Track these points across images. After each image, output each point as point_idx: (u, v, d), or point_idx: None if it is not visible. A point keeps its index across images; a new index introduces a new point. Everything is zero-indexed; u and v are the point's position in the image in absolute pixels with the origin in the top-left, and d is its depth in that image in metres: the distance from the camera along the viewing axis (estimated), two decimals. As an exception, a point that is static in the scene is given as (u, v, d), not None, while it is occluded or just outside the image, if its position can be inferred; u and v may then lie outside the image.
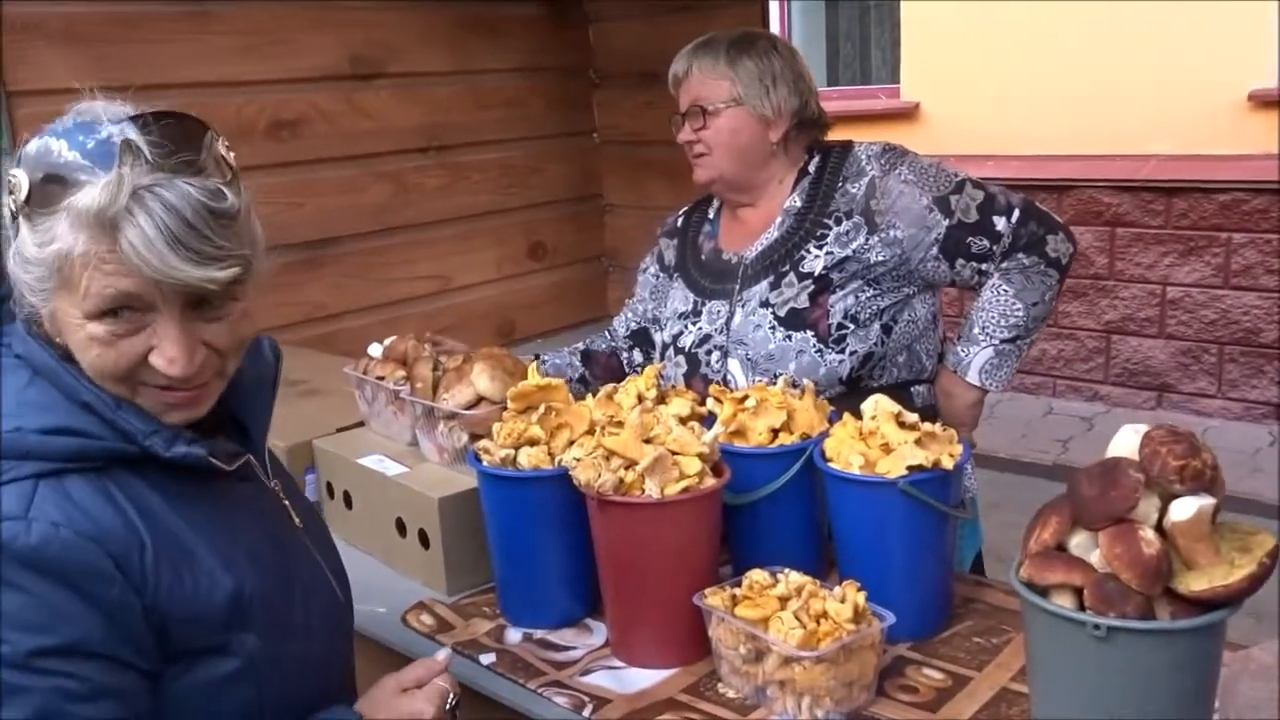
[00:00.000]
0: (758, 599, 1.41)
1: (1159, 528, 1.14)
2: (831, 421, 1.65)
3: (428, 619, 1.69)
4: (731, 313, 1.95)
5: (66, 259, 1.01)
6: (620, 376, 2.09)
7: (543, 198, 3.61)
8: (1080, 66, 5.79)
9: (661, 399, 1.69)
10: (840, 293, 1.87)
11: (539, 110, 3.55)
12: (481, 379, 1.81)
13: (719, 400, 1.70)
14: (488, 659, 1.56)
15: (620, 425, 1.54)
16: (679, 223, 2.17)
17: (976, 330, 1.87)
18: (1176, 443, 1.13)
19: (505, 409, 1.68)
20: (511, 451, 1.61)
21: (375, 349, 2.07)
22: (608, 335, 2.24)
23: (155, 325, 1.05)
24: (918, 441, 1.48)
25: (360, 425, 2.09)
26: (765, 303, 1.91)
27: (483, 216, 3.44)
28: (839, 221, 1.89)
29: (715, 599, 1.44)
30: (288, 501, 1.27)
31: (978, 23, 6.14)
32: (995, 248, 1.85)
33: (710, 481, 1.49)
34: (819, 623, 1.35)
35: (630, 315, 2.21)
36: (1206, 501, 1.13)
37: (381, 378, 1.99)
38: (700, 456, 1.49)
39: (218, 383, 1.13)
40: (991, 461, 4.88)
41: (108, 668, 1.01)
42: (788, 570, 1.47)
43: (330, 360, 2.53)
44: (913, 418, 1.53)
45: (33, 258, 1.03)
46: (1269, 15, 5.24)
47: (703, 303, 2.00)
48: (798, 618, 1.35)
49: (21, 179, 1.02)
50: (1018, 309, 1.84)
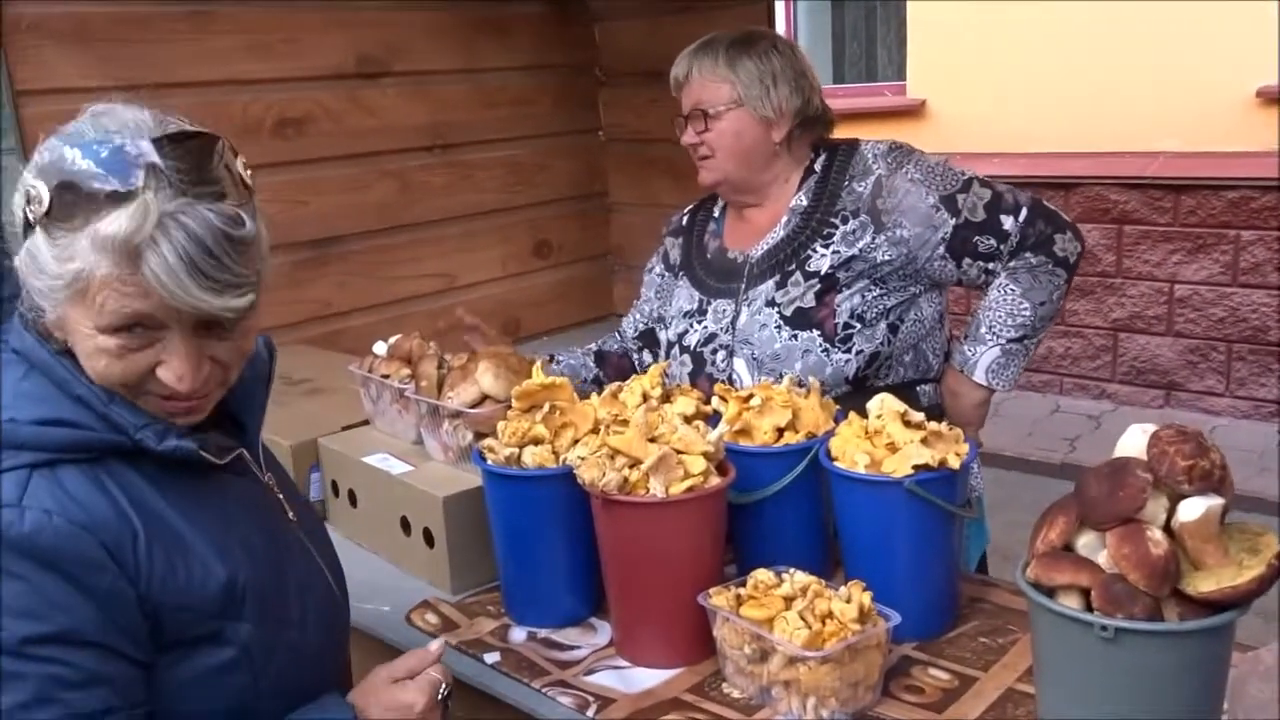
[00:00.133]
0: (763, 599, 1.41)
1: (1167, 528, 1.14)
2: (837, 420, 1.64)
3: (432, 618, 1.69)
4: (737, 312, 1.94)
5: (86, 278, 1.02)
6: (633, 377, 2.09)
7: (548, 196, 3.61)
8: (1087, 64, 5.77)
9: (666, 398, 1.69)
10: (846, 292, 1.86)
11: (544, 108, 3.55)
12: (486, 377, 1.81)
13: (724, 399, 1.69)
14: (492, 658, 1.55)
15: (625, 424, 1.53)
16: (684, 221, 2.17)
17: (983, 329, 1.86)
18: (1185, 442, 1.13)
19: (510, 407, 1.68)
20: (516, 450, 1.60)
21: (380, 347, 2.07)
22: (618, 337, 2.24)
23: (165, 341, 1.07)
24: (924, 441, 1.48)
25: (365, 424, 2.09)
26: (771, 302, 1.90)
27: (488, 215, 3.44)
28: (845, 220, 1.88)
29: (720, 599, 1.44)
30: (281, 495, 1.28)
31: (984, 20, 6.12)
32: (1002, 247, 1.84)
33: (715, 481, 1.49)
34: (824, 623, 1.35)
35: (637, 316, 2.21)
36: (1215, 502, 1.12)
37: (386, 376, 1.99)
38: (705, 455, 1.48)
39: (219, 393, 1.15)
40: (998, 460, 4.87)
41: (101, 656, 1.01)
42: (793, 570, 1.46)
43: (335, 358, 2.53)
44: (919, 417, 1.53)
45: (49, 270, 1.04)
46: (1276, 12, 5.21)
47: (708, 301, 2.00)
48: (803, 618, 1.35)
49: (42, 190, 1.02)
50: (1025, 308, 1.83)
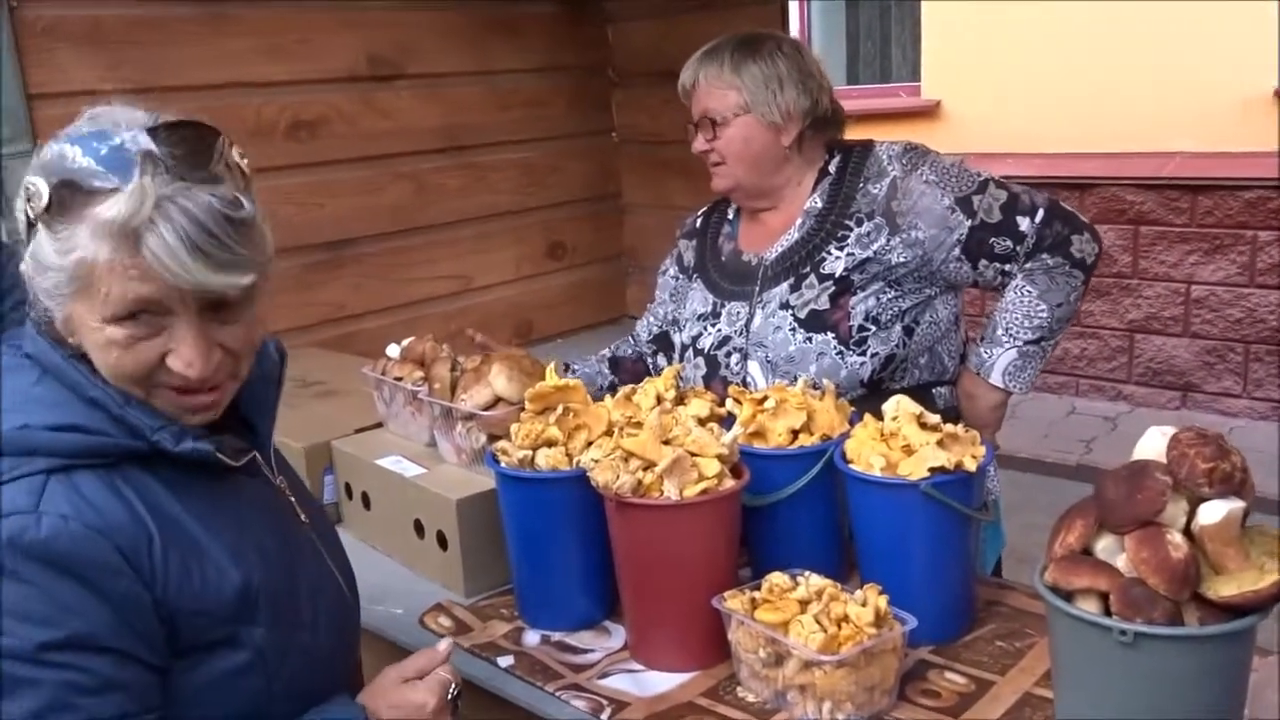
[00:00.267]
0: (778, 602, 1.40)
1: (1187, 531, 1.13)
2: (852, 422, 1.63)
3: (445, 621, 1.69)
4: (751, 314, 1.94)
5: (88, 267, 1.02)
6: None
7: (562, 197, 3.61)
8: (1103, 64, 5.75)
9: (680, 400, 1.68)
10: (861, 294, 1.85)
11: (558, 110, 3.55)
12: (499, 380, 1.81)
13: (738, 401, 1.69)
14: (505, 661, 1.55)
15: (639, 426, 1.53)
16: (698, 223, 2.16)
17: (1000, 331, 1.85)
18: (1205, 445, 1.12)
19: (523, 410, 1.67)
20: (529, 452, 1.60)
21: (393, 350, 2.08)
22: (632, 341, 2.23)
23: (172, 328, 1.06)
24: (940, 443, 1.47)
25: (378, 426, 2.09)
26: (785, 304, 1.89)
27: (502, 216, 3.45)
28: (860, 222, 1.87)
29: (734, 602, 1.43)
30: (293, 498, 1.28)
31: (999, 20, 6.10)
32: (1019, 248, 1.83)
33: (729, 483, 1.48)
34: (840, 626, 1.34)
35: (652, 320, 2.20)
36: (1235, 505, 1.11)
37: (400, 378, 1.99)
38: (719, 458, 1.48)
39: (231, 385, 1.15)
40: (1013, 462, 4.84)
41: (116, 661, 1.01)
42: (808, 573, 1.45)
43: (349, 361, 2.53)
44: (934, 419, 1.52)
45: (52, 264, 1.04)
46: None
47: (722, 304, 1.99)
48: (818, 621, 1.34)
49: (41, 187, 1.04)
50: (1042, 310, 1.82)
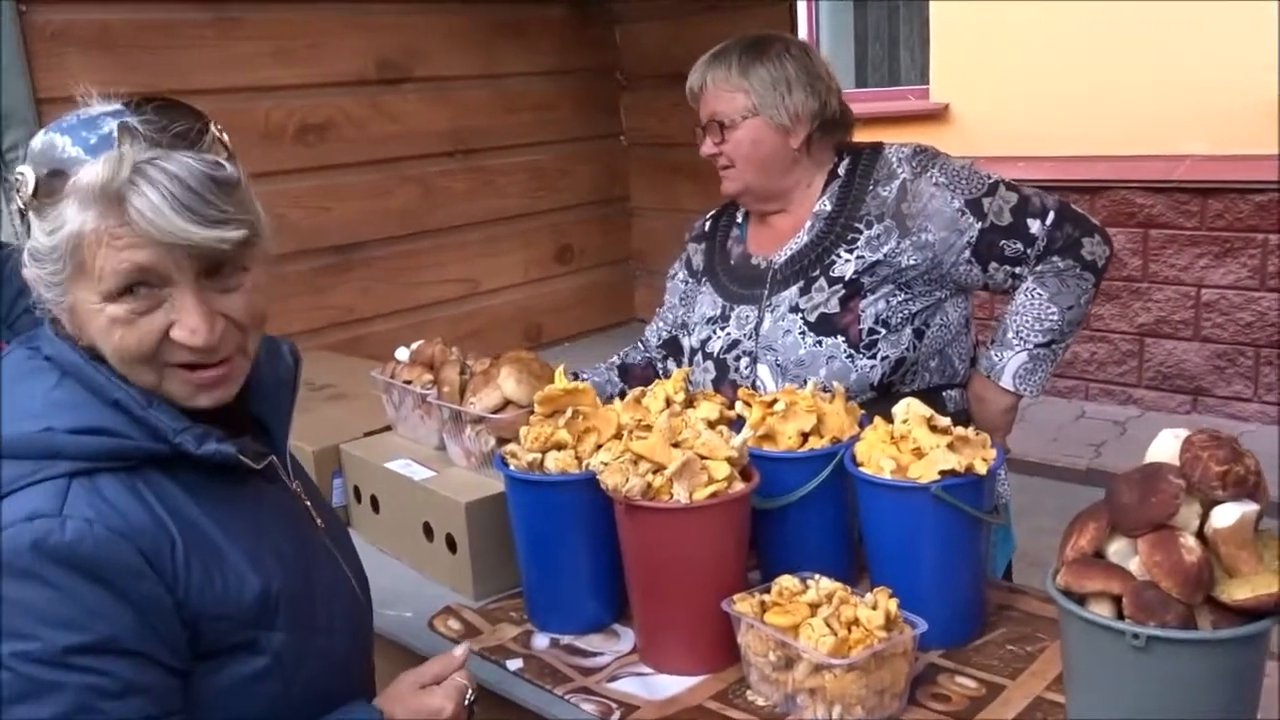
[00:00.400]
0: (787, 605, 1.40)
1: (1200, 534, 1.12)
2: (862, 425, 1.63)
3: (455, 624, 1.69)
4: (760, 318, 1.93)
5: (78, 239, 1.02)
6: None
7: (570, 201, 3.61)
8: (1112, 66, 5.73)
9: (689, 403, 1.68)
10: (871, 297, 1.84)
11: (566, 113, 3.55)
12: (508, 383, 1.81)
13: (748, 404, 1.68)
14: (515, 664, 1.55)
15: (648, 429, 1.52)
16: (707, 227, 2.16)
17: (1010, 335, 1.84)
18: (1218, 448, 1.11)
19: (532, 413, 1.67)
20: (539, 455, 1.60)
21: (402, 353, 2.08)
22: (641, 346, 2.22)
23: (172, 299, 1.06)
24: (950, 446, 1.46)
25: (387, 429, 2.09)
26: (795, 308, 1.89)
27: (510, 220, 3.45)
28: (870, 225, 1.87)
29: (744, 605, 1.42)
30: (308, 502, 1.28)
31: (1007, 22, 6.08)
32: (1029, 251, 1.82)
33: (739, 486, 1.48)
34: (850, 630, 1.34)
35: (661, 324, 2.19)
36: (1249, 508, 1.10)
37: (409, 382, 1.99)
38: (729, 461, 1.47)
39: (240, 360, 1.13)
40: (1023, 466, 4.82)
41: (139, 665, 1.01)
42: (818, 576, 1.45)
43: (357, 364, 2.54)
44: (945, 422, 1.51)
45: (44, 247, 1.05)
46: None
47: (731, 308, 1.99)
48: (828, 625, 1.34)
49: (28, 174, 1.05)
50: (1052, 313, 1.81)
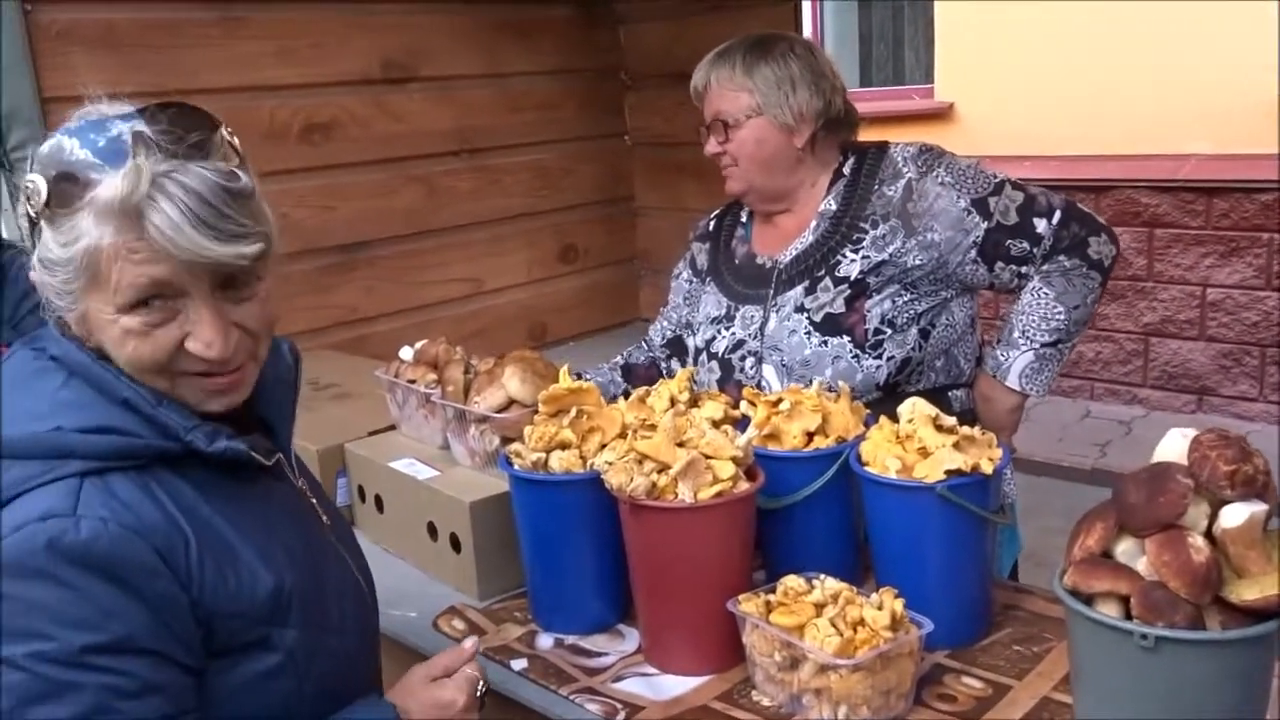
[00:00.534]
0: (793, 605, 1.39)
1: (1208, 534, 1.12)
2: (867, 424, 1.62)
3: (459, 624, 1.69)
4: (766, 318, 1.93)
5: (95, 253, 1.02)
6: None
7: (574, 200, 3.61)
8: (1117, 65, 5.71)
9: (694, 402, 1.67)
10: (877, 297, 1.84)
11: (570, 112, 3.55)
12: (513, 382, 1.80)
13: (752, 403, 1.68)
14: (519, 665, 1.55)
15: (653, 429, 1.52)
16: (711, 226, 2.15)
17: (1016, 334, 1.83)
18: (1227, 447, 1.11)
19: (537, 412, 1.67)
20: (543, 455, 1.59)
21: (406, 352, 2.07)
22: (645, 345, 2.21)
23: (187, 311, 1.06)
24: (956, 445, 1.46)
25: (392, 429, 2.09)
26: (800, 308, 1.88)
27: (514, 219, 3.45)
28: (875, 225, 1.86)
29: (749, 605, 1.42)
30: (314, 500, 1.28)
31: (1012, 21, 6.06)
32: (1035, 250, 1.81)
33: (744, 486, 1.47)
34: (855, 630, 1.33)
35: (665, 324, 2.19)
36: (1258, 508, 1.10)
37: (413, 381, 1.99)
38: (734, 460, 1.47)
39: (252, 367, 1.14)
40: (1028, 465, 4.81)
41: (155, 663, 1.01)
42: (823, 576, 1.44)
43: (362, 364, 2.54)
44: (950, 421, 1.51)
45: (59, 258, 1.04)
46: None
47: (736, 307, 1.98)
48: (834, 625, 1.33)
49: (39, 182, 1.04)
50: (1059, 312, 1.80)
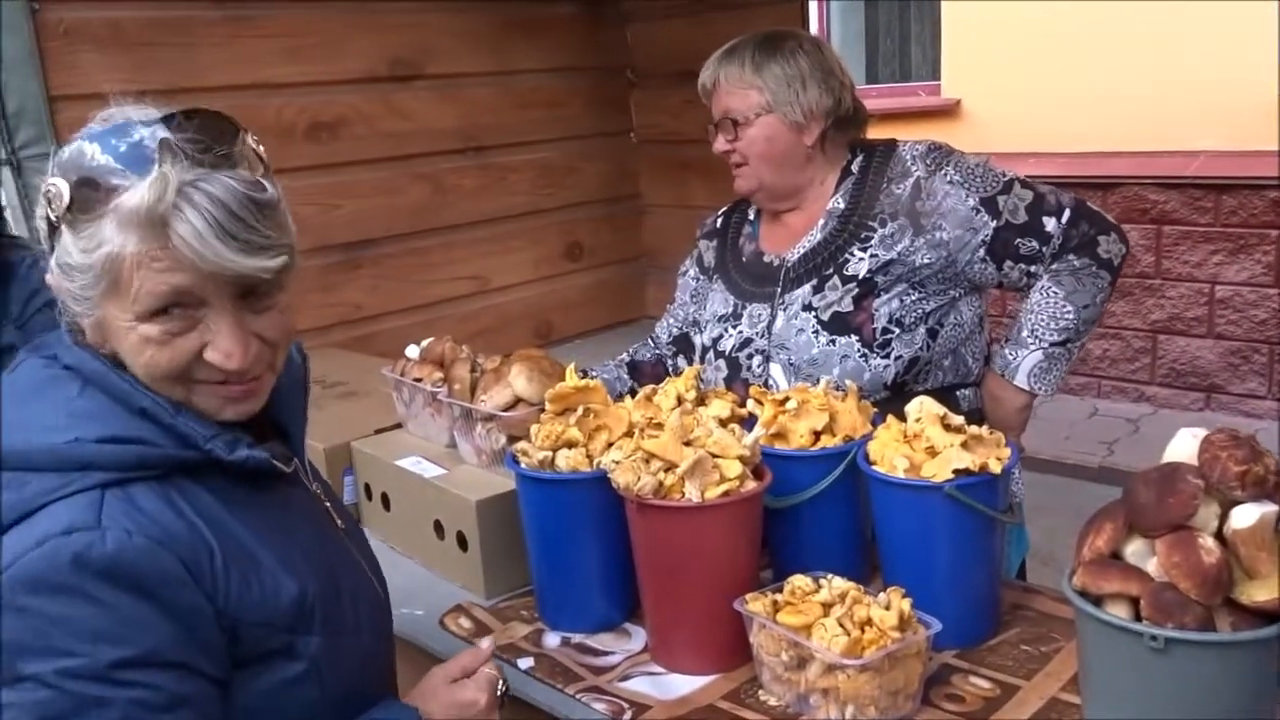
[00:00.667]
0: (800, 605, 1.39)
1: (1219, 535, 1.11)
2: (875, 424, 1.62)
3: (466, 622, 1.69)
4: (773, 316, 1.92)
5: (116, 260, 1.00)
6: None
7: (580, 198, 3.61)
8: (1125, 62, 5.70)
9: (701, 401, 1.67)
10: (885, 296, 1.83)
11: (576, 110, 3.54)
12: (519, 380, 1.80)
13: (760, 402, 1.68)
14: (526, 663, 1.54)
15: (660, 427, 1.52)
16: (718, 223, 2.15)
17: (1025, 333, 1.83)
18: (1237, 448, 1.10)
19: (543, 411, 1.66)
20: (550, 453, 1.59)
21: (413, 350, 2.07)
22: (651, 343, 2.21)
23: (207, 320, 1.05)
24: (964, 444, 1.45)
25: (398, 427, 2.09)
26: (808, 306, 1.88)
27: (520, 217, 3.45)
28: (884, 223, 1.86)
29: (756, 604, 1.42)
30: (328, 504, 1.28)
31: (1019, 18, 6.05)
32: (1044, 249, 1.81)
33: (751, 484, 1.47)
34: (863, 630, 1.33)
35: (672, 321, 2.18)
36: (1269, 508, 1.10)
37: (419, 379, 1.98)
38: (741, 459, 1.47)
39: (269, 376, 1.13)
40: (1035, 464, 4.80)
41: (182, 676, 1.00)
42: (831, 576, 1.44)
43: (368, 362, 2.54)
44: (958, 420, 1.50)
45: (79, 264, 1.02)
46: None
47: (743, 305, 1.98)
48: (841, 624, 1.33)
49: (61, 187, 1.02)
50: (1068, 311, 1.80)
